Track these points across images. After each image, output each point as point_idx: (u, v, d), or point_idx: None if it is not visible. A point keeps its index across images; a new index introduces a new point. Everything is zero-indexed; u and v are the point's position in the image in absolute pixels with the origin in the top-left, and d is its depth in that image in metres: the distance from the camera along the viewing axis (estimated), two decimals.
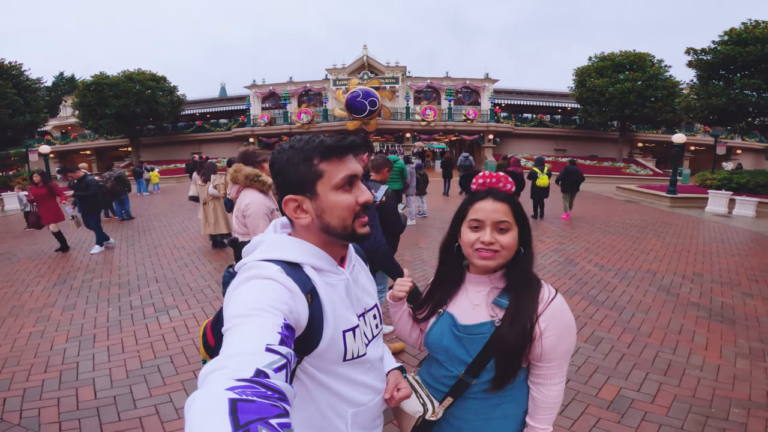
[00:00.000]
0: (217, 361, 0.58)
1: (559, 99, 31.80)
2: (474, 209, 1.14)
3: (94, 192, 7.40)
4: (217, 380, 0.53)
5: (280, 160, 0.91)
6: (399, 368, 1.18)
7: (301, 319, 0.80)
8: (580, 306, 4.44)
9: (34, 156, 20.42)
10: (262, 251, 0.88)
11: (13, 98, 17.89)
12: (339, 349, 0.89)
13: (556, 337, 1.09)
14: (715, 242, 7.67)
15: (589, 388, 2.94)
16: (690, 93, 18.10)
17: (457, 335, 1.14)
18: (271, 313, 0.70)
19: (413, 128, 26.77)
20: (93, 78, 25.31)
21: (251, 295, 0.74)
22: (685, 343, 3.65)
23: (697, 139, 28.75)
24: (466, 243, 1.14)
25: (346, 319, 0.92)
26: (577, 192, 10.11)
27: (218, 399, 0.48)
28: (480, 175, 1.19)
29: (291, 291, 0.79)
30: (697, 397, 2.85)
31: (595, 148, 28.76)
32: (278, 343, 0.64)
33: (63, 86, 40.91)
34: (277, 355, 0.61)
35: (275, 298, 0.74)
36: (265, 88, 28.88)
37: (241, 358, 0.58)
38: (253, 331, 0.65)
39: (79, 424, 2.60)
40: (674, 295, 4.79)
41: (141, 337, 3.86)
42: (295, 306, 0.78)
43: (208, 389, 0.51)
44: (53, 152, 23.54)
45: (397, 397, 1.07)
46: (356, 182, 0.91)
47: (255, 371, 0.55)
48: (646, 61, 23.78)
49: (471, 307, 1.16)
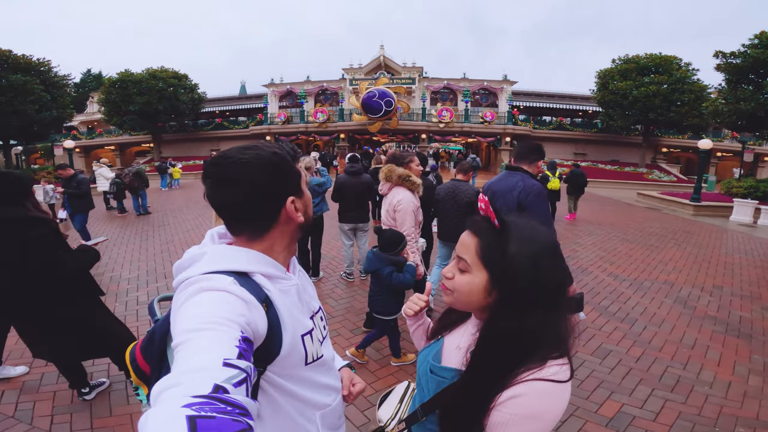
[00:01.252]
0: (170, 378, 0.55)
1: (580, 102, 31.15)
2: None
3: (85, 191, 7.10)
4: (172, 397, 0.50)
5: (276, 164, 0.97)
6: (347, 365, 1.21)
7: (260, 329, 0.77)
8: (590, 317, 4.30)
9: (60, 150, 21.09)
10: (207, 263, 0.82)
11: (40, 94, 18.47)
12: (300, 354, 0.89)
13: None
14: (738, 253, 7.36)
15: (590, 404, 2.83)
16: (718, 97, 17.55)
17: (432, 367, 1.00)
18: (227, 326, 0.67)
19: (429, 129, 26.63)
20: (118, 75, 25.99)
21: (203, 308, 0.70)
22: (697, 358, 3.50)
23: (724, 145, 27.75)
24: None
25: (301, 323, 0.91)
26: (581, 194, 10.42)
27: (175, 417, 0.45)
28: (480, 197, 0.95)
29: (247, 302, 0.75)
30: (703, 415, 2.73)
31: (616, 153, 28.03)
32: (236, 357, 0.61)
33: (90, 83, 42.18)
34: (235, 369, 0.59)
35: (230, 311, 0.70)
36: (283, 86, 29.17)
37: (197, 374, 0.55)
38: (208, 345, 0.62)
39: (70, 419, 2.62)
40: (691, 308, 4.59)
41: (143, 333, 3.90)
42: (252, 317, 0.74)
43: (162, 407, 0.48)
44: (78, 147, 24.32)
45: (354, 391, 1.11)
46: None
47: (213, 387, 0.53)
48: (673, 64, 23.04)
49: (455, 345, 1.00)
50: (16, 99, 17.48)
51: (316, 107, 28.09)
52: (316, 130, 27.42)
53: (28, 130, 19.10)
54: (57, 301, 2.45)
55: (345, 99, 27.60)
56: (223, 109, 33.36)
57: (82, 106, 35.92)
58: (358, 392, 1.13)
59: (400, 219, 3.39)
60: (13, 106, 17.41)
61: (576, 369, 3.24)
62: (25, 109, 17.79)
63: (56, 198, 10.19)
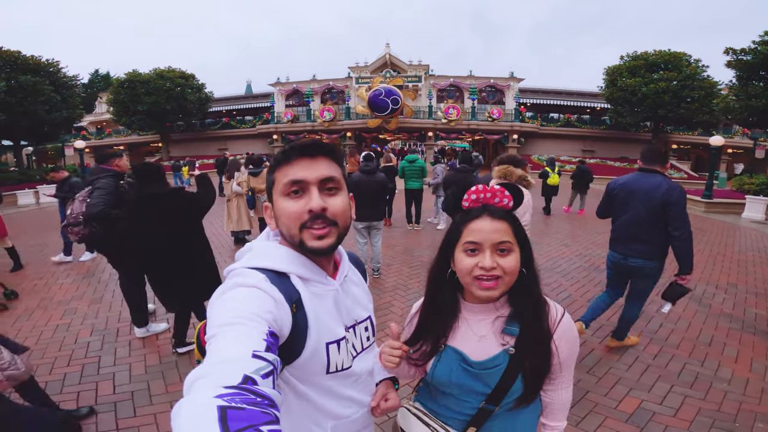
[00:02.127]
0: (202, 368, 0.58)
1: (588, 99, 30.90)
2: (468, 230, 1.00)
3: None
4: (205, 387, 0.52)
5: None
6: (391, 379, 1.14)
7: (284, 328, 0.79)
8: (605, 315, 4.26)
9: (70, 151, 21.27)
10: (249, 258, 0.88)
11: (50, 95, 18.61)
12: (322, 361, 0.88)
13: (567, 352, 1.07)
14: (751, 251, 7.29)
15: (609, 401, 2.83)
16: (729, 94, 17.38)
17: (471, 371, 1.05)
18: (256, 321, 0.70)
19: (435, 127, 26.59)
20: (126, 75, 26.18)
21: (236, 303, 0.74)
22: (715, 355, 3.49)
23: (735, 141, 27.45)
24: (463, 271, 1.00)
25: (331, 330, 0.90)
26: (587, 189, 10.97)
27: (207, 406, 0.47)
28: (473, 190, 1.04)
29: (275, 300, 0.78)
30: (722, 411, 2.73)
31: (625, 150, 27.76)
32: (264, 350, 0.64)
33: (98, 83, 42.50)
34: (264, 361, 0.61)
35: (260, 306, 0.74)
36: (289, 85, 29.25)
37: (228, 364, 0.58)
38: (239, 338, 0.65)
39: (96, 419, 2.65)
40: (706, 306, 4.57)
41: (162, 331, 3.94)
42: (279, 315, 0.77)
43: (195, 396, 0.50)
44: (88, 147, 24.49)
45: (383, 407, 1.04)
46: (307, 188, 0.86)
47: (243, 378, 0.55)
48: (682, 60, 22.82)
49: (476, 339, 1.06)
50: (26, 100, 17.61)
51: (323, 106, 28.13)
52: (322, 128, 27.47)
53: (38, 130, 19.26)
54: (205, 248, 3.38)
55: (351, 97, 27.61)
56: (230, 108, 33.50)
57: (91, 106, 36.21)
58: (386, 408, 1.05)
59: (521, 212, 3.51)
60: (23, 107, 17.54)
61: (593, 366, 3.26)
62: (35, 110, 17.93)
63: None
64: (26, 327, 4.09)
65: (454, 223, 1.07)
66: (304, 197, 0.86)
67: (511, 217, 1.02)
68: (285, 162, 0.87)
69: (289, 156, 0.87)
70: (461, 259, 1.00)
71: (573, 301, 4.71)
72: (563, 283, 5.28)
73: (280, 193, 0.87)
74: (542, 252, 6.72)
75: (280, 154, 0.89)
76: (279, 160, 0.89)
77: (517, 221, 1.03)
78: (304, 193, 0.86)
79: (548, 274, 5.60)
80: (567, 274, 5.67)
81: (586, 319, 3.52)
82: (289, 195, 0.86)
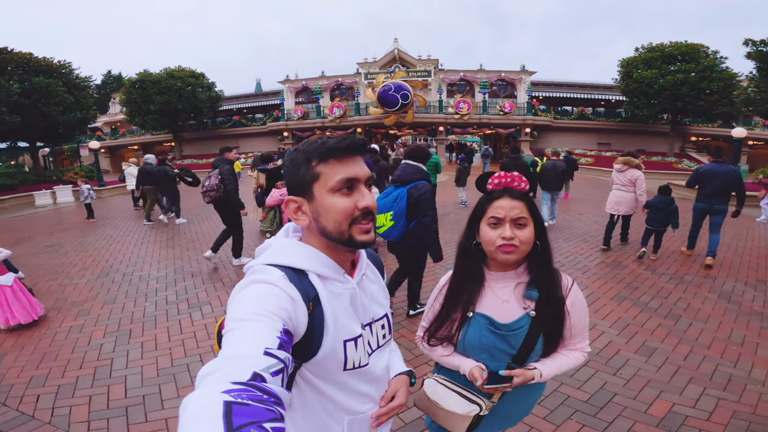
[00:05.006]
0: (214, 363, 0.59)
1: (603, 91, 30.25)
2: (492, 207, 1.20)
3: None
4: (214, 382, 0.54)
5: (286, 163, 0.92)
6: (407, 372, 1.14)
7: (300, 326, 0.80)
8: (630, 313, 4.12)
9: (85, 151, 21.55)
10: (268, 255, 0.89)
11: (63, 96, 18.76)
12: (339, 359, 0.89)
13: (577, 315, 1.27)
14: None
15: (638, 404, 2.70)
16: (749, 85, 16.87)
17: (499, 333, 1.22)
18: (271, 318, 0.71)
19: (447, 121, 26.30)
20: (137, 75, 26.39)
21: (253, 300, 0.75)
22: (748, 355, 3.32)
23: (756, 133, 26.61)
24: (487, 240, 1.20)
25: (348, 328, 0.91)
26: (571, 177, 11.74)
27: (213, 401, 0.48)
28: (496, 176, 1.24)
29: (292, 298, 0.79)
30: (758, 414, 2.60)
31: (643, 142, 27.07)
32: (276, 348, 0.64)
33: (111, 84, 43.03)
34: (274, 359, 0.62)
35: (275, 304, 0.75)
36: (298, 82, 29.19)
37: (239, 360, 0.59)
38: (252, 334, 0.66)
39: (107, 424, 2.61)
40: (736, 304, 4.37)
41: (174, 333, 3.91)
42: (294, 313, 0.78)
43: (203, 391, 0.51)
44: (103, 147, 24.86)
45: (390, 405, 1.03)
46: (357, 186, 0.88)
47: (252, 374, 0.56)
48: (700, 52, 22.09)
49: (500, 303, 1.24)
50: (41, 101, 17.76)
51: (333, 102, 28.03)
52: (332, 125, 27.40)
53: (53, 131, 19.44)
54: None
55: (360, 93, 27.45)
56: (240, 106, 33.63)
57: (104, 107, 36.67)
58: (392, 408, 1.03)
59: (639, 184, 6.15)
60: (38, 109, 17.72)
61: (620, 368, 3.12)
62: (50, 111, 18.09)
63: (92, 198, 10.46)
64: (41, 327, 4.09)
65: (479, 202, 1.27)
66: (354, 194, 0.87)
67: (527, 197, 1.22)
68: (335, 158, 0.86)
69: (342, 153, 0.86)
70: (486, 231, 1.21)
71: (561, 266, 4.59)
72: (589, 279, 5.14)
73: (330, 190, 0.86)
74: None
75: (323, 150, 0.86)
76: (323, 156, 0.86)
77: (531, 201, 1.22)
78: (353, 190, 0.87)
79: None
80: (588, 270, 5.51)
81: (691, 245, 6.21)
82: (340, 192, 0.86)
